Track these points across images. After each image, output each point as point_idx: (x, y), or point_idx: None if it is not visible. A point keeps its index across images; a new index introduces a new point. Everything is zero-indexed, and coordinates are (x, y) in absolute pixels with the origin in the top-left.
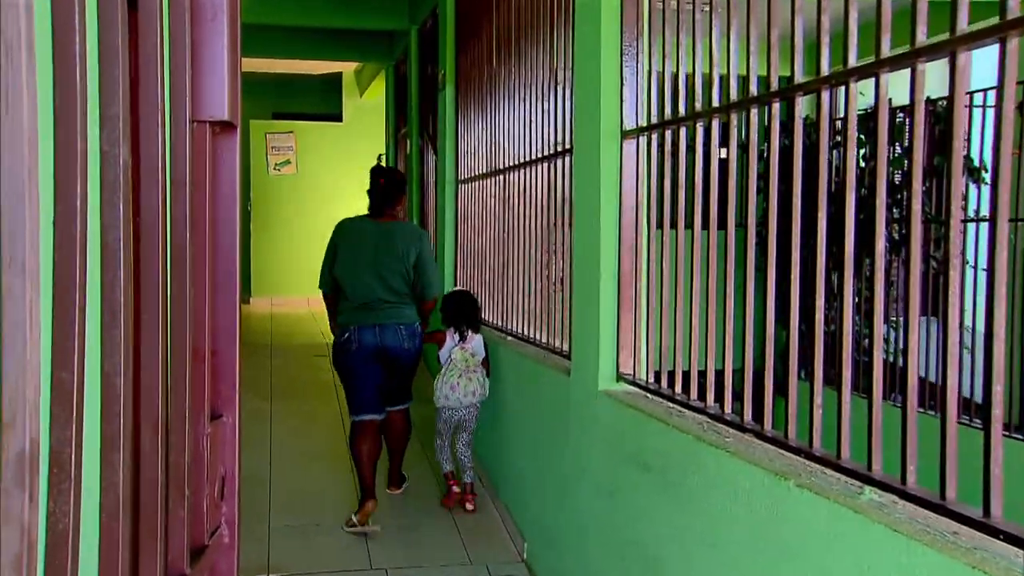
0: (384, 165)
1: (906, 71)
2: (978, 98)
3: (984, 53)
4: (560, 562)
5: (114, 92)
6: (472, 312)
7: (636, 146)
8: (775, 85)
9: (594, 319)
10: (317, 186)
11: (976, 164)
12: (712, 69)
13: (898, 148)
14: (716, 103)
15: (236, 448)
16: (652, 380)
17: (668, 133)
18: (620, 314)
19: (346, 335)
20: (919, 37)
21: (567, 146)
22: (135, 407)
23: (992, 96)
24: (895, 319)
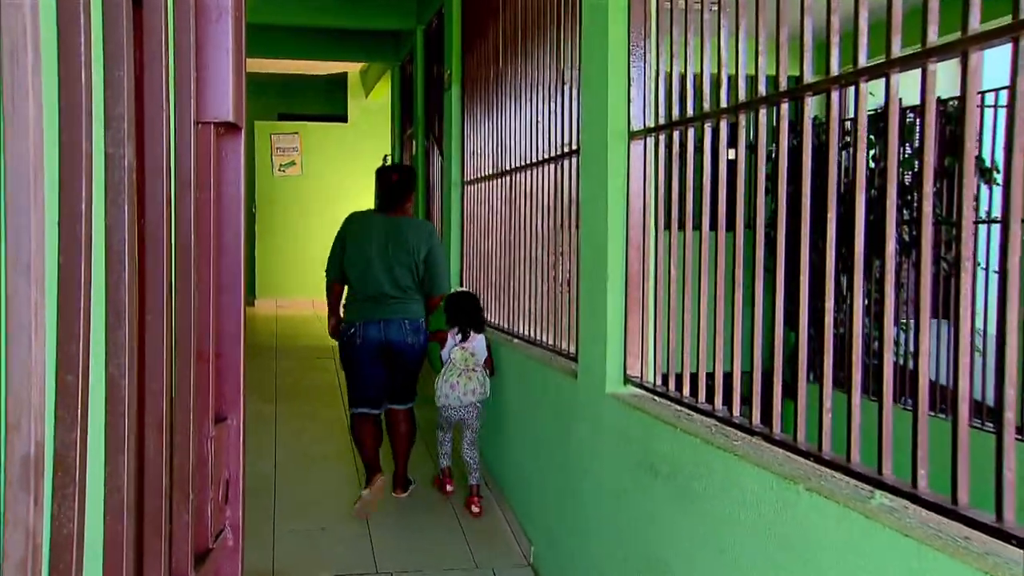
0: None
1: (917, 71)
2: (989, 98)
3: (996, 51)
4: (566, 566)
5: (119, 93)
6: (474, 312)
7: (644, 147)
8: (784, 85)
9: (601, 321)
10: (322, 187)
11: (988, 165)
12: (720, 69)
13: (908, 149)
14: (724, 103)
15: (240, 451)
16: (660, 383)
17: (676, 134)
18: (627, 316)
19: (352, 330)
20: (930, 37)
21: (574, 147)
22: (139, 410)
23: (1004, 96)
24: (905, 321)
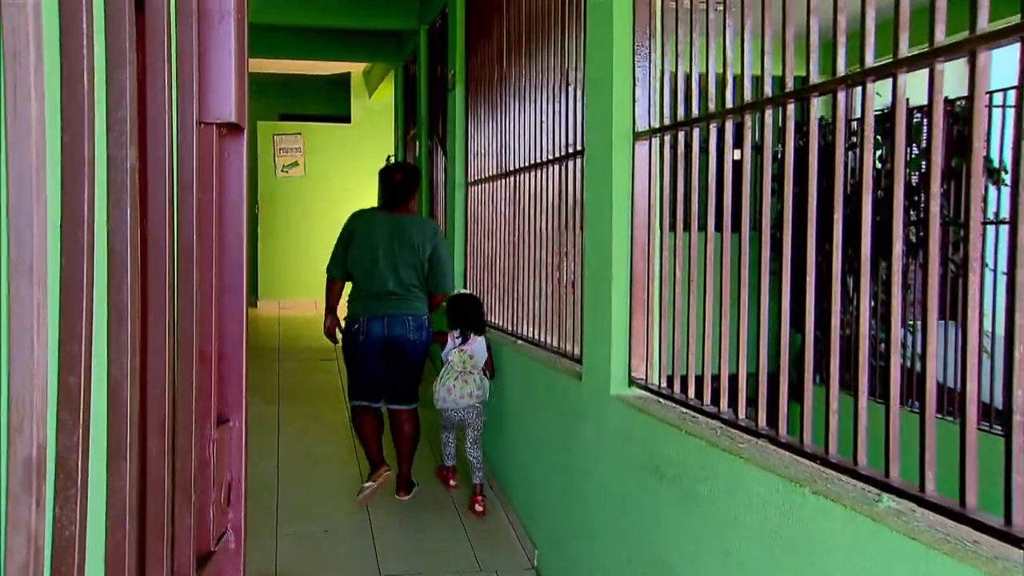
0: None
1: (924, 71)
2: (997, 98)
3: (1004, 51)
4: (570, 568)
5: (121, 95)
6: (475, 314)
7: (649, 147)
8: (790, 85)
9: (606, 323)
10: (325, 188)
11: (995, 165)
12: (726, 69)
13: (915, 149)
14: (730, 104)
15: (243, 453)
16: (665, 385)
17: (681, 134)
18: (632, 318)
19: (355, 326)
20: (938, 36)
21: (579, 148)
22: (141, 412)
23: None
24: (912, 323)
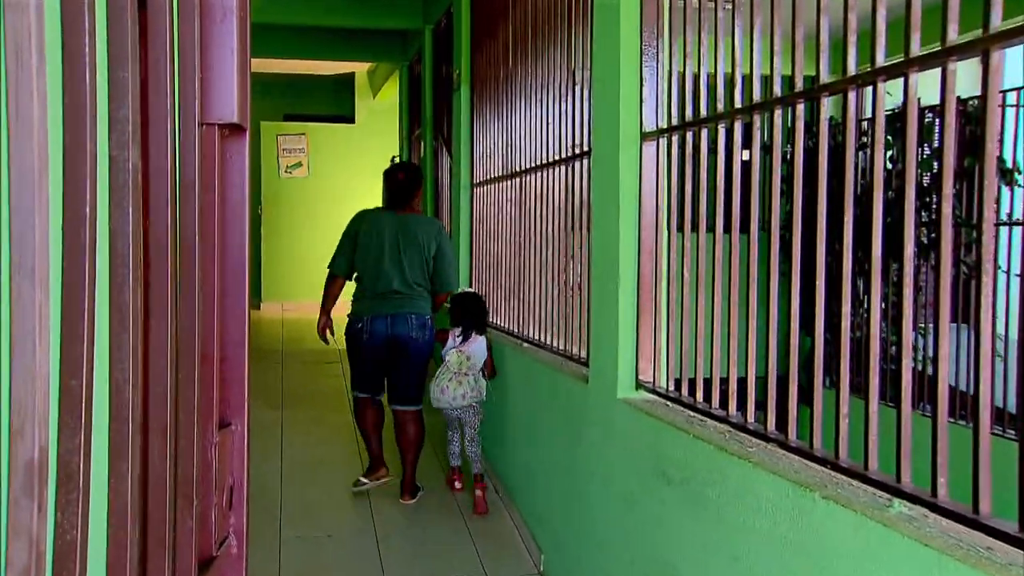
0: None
1: (936, 70)
2: (1010, 97)
3: (1017, 50)
4: (574, 571)
5: (123, 95)
6: (478, 313)
7: (656, 148)
8: (800, 85)
9: (612, 325)
10: (329, 188)
11: (1008, 166)
12: (734, 69)
13: (927, 149)
14: (739, 104)
15: (245, 457)
16: (672, 388)
17: (689, 135)
18: (639, 320)
19: (359, 324)
20: (950, 35)
21: (585, 148)
22: (143, 415)
23: None
24: (924, 326)
